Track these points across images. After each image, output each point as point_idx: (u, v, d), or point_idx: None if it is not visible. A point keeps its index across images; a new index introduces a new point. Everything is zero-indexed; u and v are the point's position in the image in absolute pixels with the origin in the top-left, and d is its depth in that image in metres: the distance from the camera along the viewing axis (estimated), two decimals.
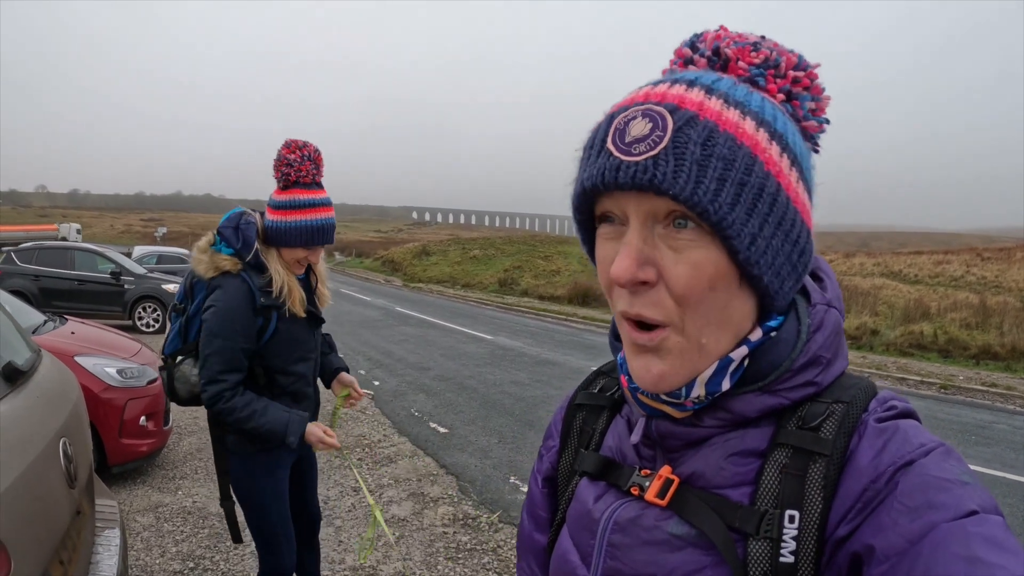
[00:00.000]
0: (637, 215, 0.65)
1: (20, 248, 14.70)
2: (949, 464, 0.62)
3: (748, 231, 0.63)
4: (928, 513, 0.58)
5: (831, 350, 0.72)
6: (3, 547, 1.49)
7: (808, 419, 0.69)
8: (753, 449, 0.70)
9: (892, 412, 0.69)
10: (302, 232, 2.34)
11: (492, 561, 4.16)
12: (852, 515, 0.62)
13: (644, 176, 0.61)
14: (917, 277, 25.16)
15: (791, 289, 0.70)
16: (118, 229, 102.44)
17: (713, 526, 0.67)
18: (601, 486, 0.80)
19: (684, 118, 0.62)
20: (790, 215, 0.66)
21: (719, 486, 0.70)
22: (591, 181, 0.65)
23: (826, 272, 0.79)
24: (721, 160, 0.62)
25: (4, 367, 2.04)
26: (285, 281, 2.37)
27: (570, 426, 0.92)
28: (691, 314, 0.65)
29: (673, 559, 0.69)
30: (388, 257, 45.78)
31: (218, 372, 2.30)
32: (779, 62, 0.70)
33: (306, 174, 2.35)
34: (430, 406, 8.18)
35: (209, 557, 4.06)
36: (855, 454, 0.65)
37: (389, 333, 14.81)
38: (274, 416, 2.34)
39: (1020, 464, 6.68)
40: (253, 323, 2.34)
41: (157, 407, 5.30)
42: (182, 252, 25.59)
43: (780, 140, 0.66)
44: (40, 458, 1.84)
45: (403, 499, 5.15)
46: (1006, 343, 13.95)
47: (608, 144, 0.64)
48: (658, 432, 0.75)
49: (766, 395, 0.70)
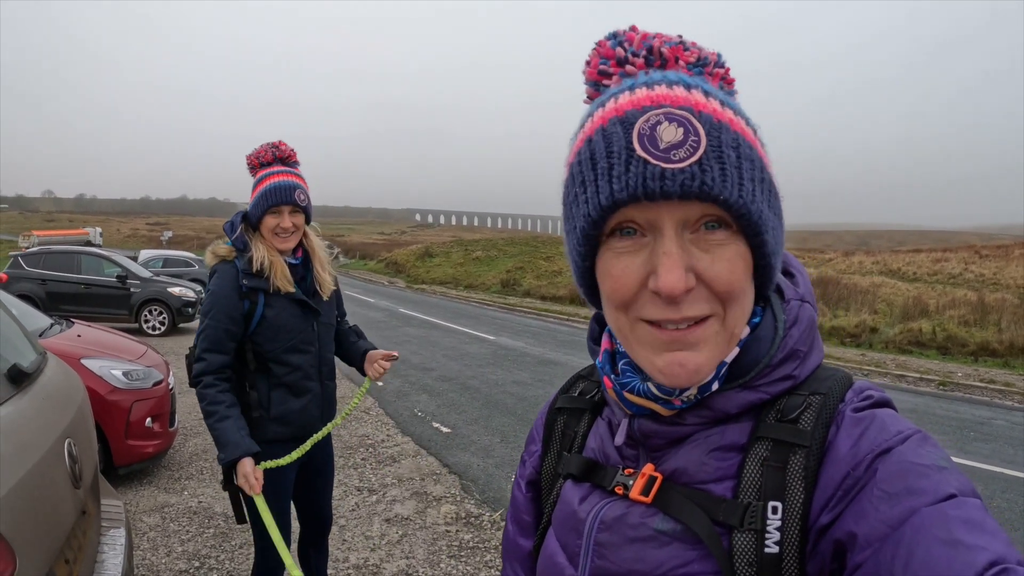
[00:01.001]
0: (672, 223, 0.63)
1: (27, 252, 14.75)
2: (926, 450, 0.63)
3: (771, 226, 0.66)
4: (908, 498, 0.58)
5: (807, 343, 0.73)
6: (8, 546, 1.49)
7: (786, 412, 0.69)
8: (734, 444, 0.70)
9: (868, 401, 0.69)
10: (259, 199, 2.45)
11: (495, 559, 4.16)
12: (833, 503, 0.63)
13: (693, 183, 0.60)
14: (916, 275, 25.12)
15: (777, 275, 0.72)
16: (124, 233, 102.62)
17: (698, 521, 0.68)
18: (586, 487, 0.81)
19: (708, 122, 0.62)
20: (781, 206, 0.70)
21: (702, 481, 0.70)
22: (628, 192, 0.62)
23: (797, 268, 0.80)
24: (748, 161, 0.63)
25: (9, 369, 2.05)
26: (265, 256, 2.45)
27: (552, 430, 0.93)
28: (732, 306, 0.66)
29: (660, 555, 0.69)
30: (391, 259, 45.79)
31: (203, 350, 2.39)
32: (707, 60, 0.70)
33: (265, 153, 2.52)
34: (433, 406, 8.18)
35: (215, 556, 4.07)
36: (834, 444, 0.66)
37: (393, 334, 14.84)
38: (224, 428, 2.32)
39: (1019, 460, 6.66)
40: (238, 306, 2.42)
41: (163, 409, 5.31)
42: (188, 255, 25.63)
43: (756, 132, 0.68)
44: (45, 459, 1.84)
45: (406, 498, 5.16)
46: (1004, 340, 13.92)
47: (639, 151, 0.61)
48: (641, 431, 0.75)
49: (747, 391, 0.71)
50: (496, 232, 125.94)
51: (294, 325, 2.51)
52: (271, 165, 2.52)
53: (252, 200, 2.48)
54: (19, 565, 1.51)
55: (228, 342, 2.41)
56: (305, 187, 2.51)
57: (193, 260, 24.33)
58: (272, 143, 2.56)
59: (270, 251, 2.46)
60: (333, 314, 2.72)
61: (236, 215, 2.55)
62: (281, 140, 2.58)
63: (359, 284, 35.12)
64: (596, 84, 0.72)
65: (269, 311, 2.45)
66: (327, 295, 2.63)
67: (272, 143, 2.56)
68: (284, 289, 2.45)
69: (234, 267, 2.44)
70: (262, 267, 2.42)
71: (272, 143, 2.56)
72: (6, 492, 1.57)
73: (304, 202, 2.48)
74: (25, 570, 1.53)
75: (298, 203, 2.45)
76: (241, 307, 2.42)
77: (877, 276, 24.18)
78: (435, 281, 35.67)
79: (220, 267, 2.47)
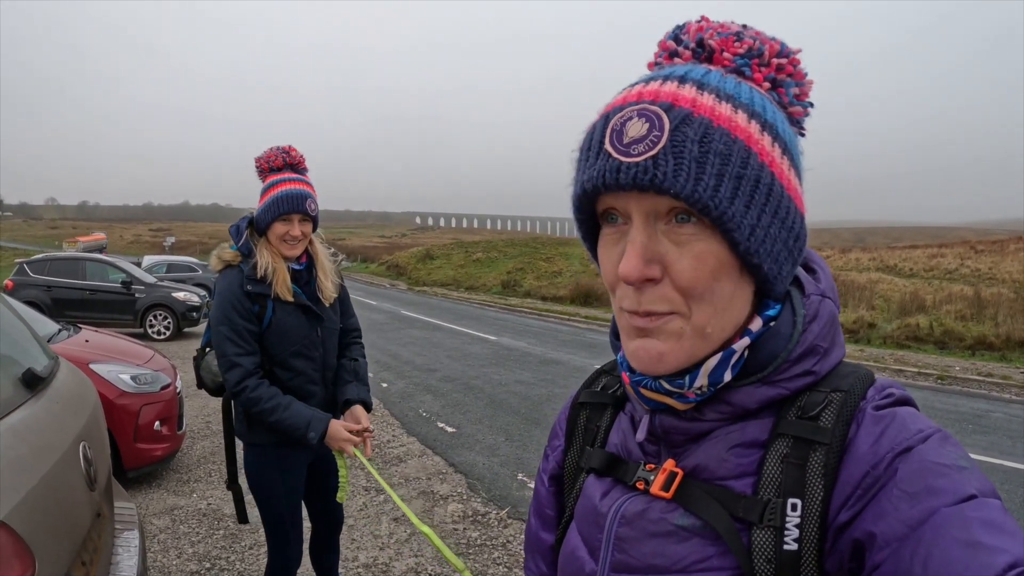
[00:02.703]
0: (639, 213, 0.65)
1: (32, 259, 14.75)
2: (947, 450, 0.62)
3: (747, 222, 0.64)
4: (928, 498, 0.58)
5: (827, 339, 0.72)
6: (27, 548, 1.49)
7: (807, 408, 0.69)
8: (754, 440, 0.70)
9: (889, 399, 0.69)
10: (270, 205, 2.43)
11: (502, 556, 4.16)
12: (853, 501, 0.62)
13: (644, 177, 0.62)
14: (912, 271, 25.13)
15: (788, 274, 0.71)
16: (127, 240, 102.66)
17: (717, 516, 0.67)
18: (607, 482, 0.81)
19: (680, 116, 0.63)
20: (784, 203, 0.67)
21: (722, 477, 0.70)
22: (591, 183, 0.65)
23: (818, 264, 0.79)
24: (718, 156, 0.62)
25: (24, 374, 2.05)
26: (270, 263, 2.44)
27: (575, 424, 0.92)
28: (697, 304, 0.66)
29: (679, 550, 0.69)
30: (393, 261, 45.80)
31: (233, 355, 2.37)
32: (762, 50, 0.70)
33: (275, 158, 2.50)
34: (437, 406, 8.18)
35: (225, 557, 4.06)
36: (854, 442, 0.65)
37: (396, 336, 14.84)
38: (297, 410, 2.39)
39: (1017, 451, 6.67)
40: (249, 305, 2.41)
41: (171, 412, 5.31)
42: (191, 261, 25.65)
43: (771, 130, 0.66)
44: (61, 462, 1.84)
45: (413, 497, 5.15)
46: (1001, 334, 13.93)
47: (606, 145, 0.64)
48: (662, 427, 0.75)
49: (765, 386, 0.70)
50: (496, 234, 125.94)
51: (299, 330, 2.50)
52: (281, 171, 2.50)
53: (261, 205, 2.46)
54: (38, 567, 1.51)
55: (252, 341, 2.41)
56: (315, 196, 2.51)
57: (196, 265, 24.35)
58: (282, 148, 2.53)
59: (274, 257, 2.45)
60: (337, 319, 2.70)
61: (242, 220, 2.54)
62: (291, 145, 2.55)
63: (361, 287, 35.11)
64: None
65: (277, 316, 2.45)
66: (329, 302, 2.61)
67: (282, 148, 2.53)
68: (283, 296, 2.44)
69: (240, 272, 2.43)
70: (266, 273, 2.42)
71: (282, 148, 2.53)
72: (24, 495, 1.57)
73: (314, 212, 2.48)
74: (43, 572, 1.53)
75: (308, 212, 2.45)
76: (252, 307, 2.43)
77: (874, 272, 24.20)
78: (436, 283, 35.68)
79: (226, 272, 2.46)
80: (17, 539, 1.47)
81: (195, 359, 2.64)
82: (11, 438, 1.70)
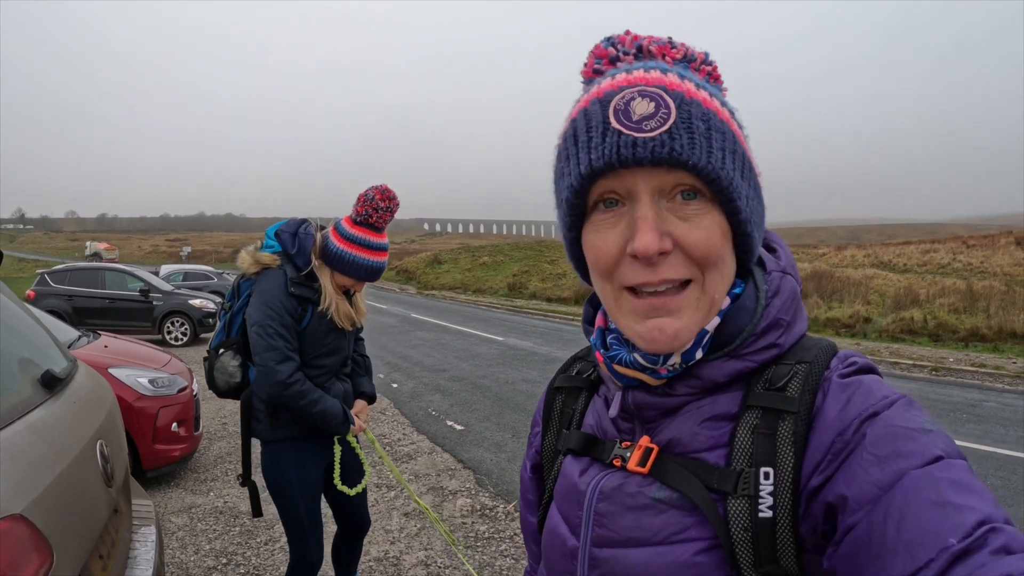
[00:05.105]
0: (647, 190, 0.66)
1: (53, 270, 14.82)
2: (912, 414, 0.63)
3: (744, 194, 0.67)
4: (897, 461, 0.58)
5: (790, 313, 0.73)
6: (46, 541, 1.50)
7: (774, 380, 0.70)
8: (725, 413, 0.71)
9: (853, 368, 0.70)
10: (360, 268, 2.48)
11: (509, 548, 4.16)
12: (823, 467, 0.63)
13: (662, 150, 0.63)
14: (906, 266, 25.04)
15: (758, 247, 0.73)
16: (145, 250, 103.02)
17: (694, 488, 0.68)
18: (585, 461, 0.81)
19: (679, 97, 0.64)
20: (756, 179, 0.71)
21: (696, 450, 0.71)
22: (604, 160, 0.64)
23: (778, 243, 0.81)
24: (719, 133, 0.65)
25: (43, 375, 2.06)
26: (333, 299, 2.49)
27: (551, 409, 0.93)
28: (711, 272, 0.67)
29: (658, 522, 0.69)
30: (402, 267, 45.82)
31: (286, 348, 2.40)
32: (695, 56, 0.72)
33: (381, 220, 2.48)
34: (446, 405, 8.19)
35: (241, 553, 4.07)
36: (822, 409, 0.66)
37: (406, 338, 14.84)
38: (332, 403, 2.50)
39: (1011, 439, 6.63)
40: (293, 305, 2.44)
41: (188, 414, 5.33)
42: (207, 269, 25.72)
43: (734, 115, 0.70)
44: (78, 459, 1.85)
45: (423, 493, 5.16)
46: (993, 325, 13.88)
47: (614, 124, 0.64)
48: (634, 403, 0.75)
49: (733, 360, 0.71)
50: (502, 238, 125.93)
51: (330, 335, 2.57)
52: (379, 232, 2.50)
53: (348, 252, 2.45)
54: (56, 560, 1.52)
55: (295, 340, 2.47)
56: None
57: (212, 273, 24.40)
58: (393, 207, 2.49)
59: (337, 295, 2.52)
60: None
61: (305, 233, 2.51)
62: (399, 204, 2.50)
63: (372, 291, 34.82)
64: (591, 82, 0.74)
65: (314, 321, 2.50)
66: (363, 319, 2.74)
67: (393, 207, 2.49)
68: (342, 326, 2.56)
69: (284, 274, 2.45)
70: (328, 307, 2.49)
71: (393, 207, 2.49)
72: (43, 490, 1.58)
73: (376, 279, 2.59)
74: (62, 565, 1.54)
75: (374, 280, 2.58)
76: (296, 307, 2.46)
77: (869, 268, 24.09)
78: (444, 287, 35.70)
79: (269, 272, 2.46)
80: (36, 532, 1.48)
81: (206, 359, 2.64)
82: (30, 436, 1.71)
